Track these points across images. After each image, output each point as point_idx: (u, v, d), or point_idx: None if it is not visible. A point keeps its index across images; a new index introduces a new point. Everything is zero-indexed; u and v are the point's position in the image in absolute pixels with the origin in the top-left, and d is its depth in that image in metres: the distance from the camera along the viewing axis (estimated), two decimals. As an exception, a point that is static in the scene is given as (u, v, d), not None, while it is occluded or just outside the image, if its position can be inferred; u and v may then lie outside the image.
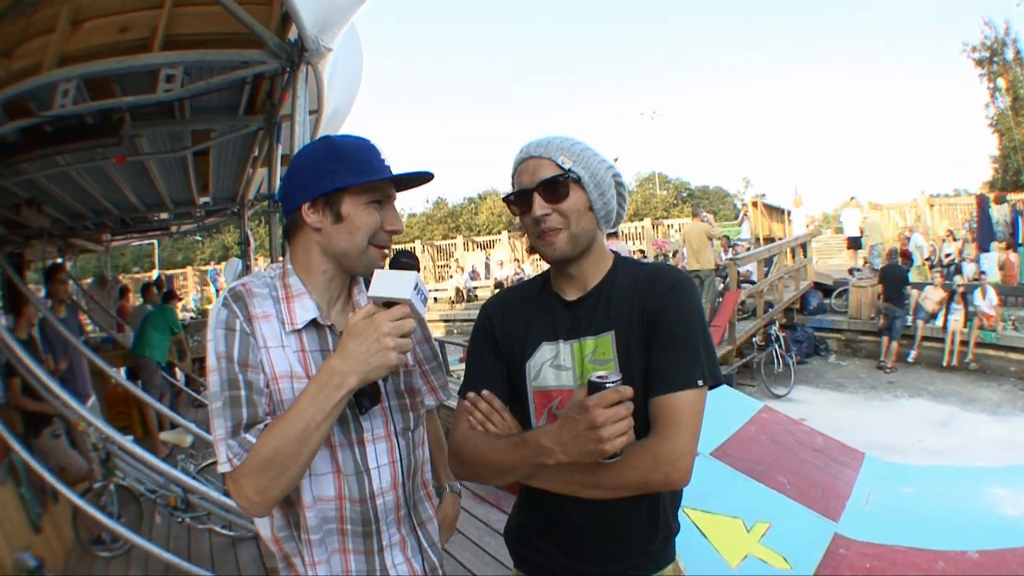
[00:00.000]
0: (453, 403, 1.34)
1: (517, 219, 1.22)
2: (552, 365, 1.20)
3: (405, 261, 1.09)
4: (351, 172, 1.07)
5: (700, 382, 1.10)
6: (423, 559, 1.22)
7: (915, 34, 70.41)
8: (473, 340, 1.32)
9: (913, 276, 10.77)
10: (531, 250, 1.23)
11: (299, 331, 1.09)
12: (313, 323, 1.11)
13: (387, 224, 1.12)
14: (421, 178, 1.16)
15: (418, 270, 1.10)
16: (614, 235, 11.47)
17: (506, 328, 1.27)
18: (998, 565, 3.04)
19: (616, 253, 1.28)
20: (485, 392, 1.22)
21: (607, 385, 0.98)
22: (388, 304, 1.04)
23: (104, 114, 2.80)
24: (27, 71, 2.33)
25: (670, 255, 9.82)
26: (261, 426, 1.01)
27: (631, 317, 1.16)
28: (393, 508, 1.16)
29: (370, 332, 1.00)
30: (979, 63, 18.91)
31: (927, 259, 11.64)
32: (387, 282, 1.05)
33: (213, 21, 2.51)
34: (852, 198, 14.53)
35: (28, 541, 3.02)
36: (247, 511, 1.00)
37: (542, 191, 1.15)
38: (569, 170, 1.15)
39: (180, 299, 11.12)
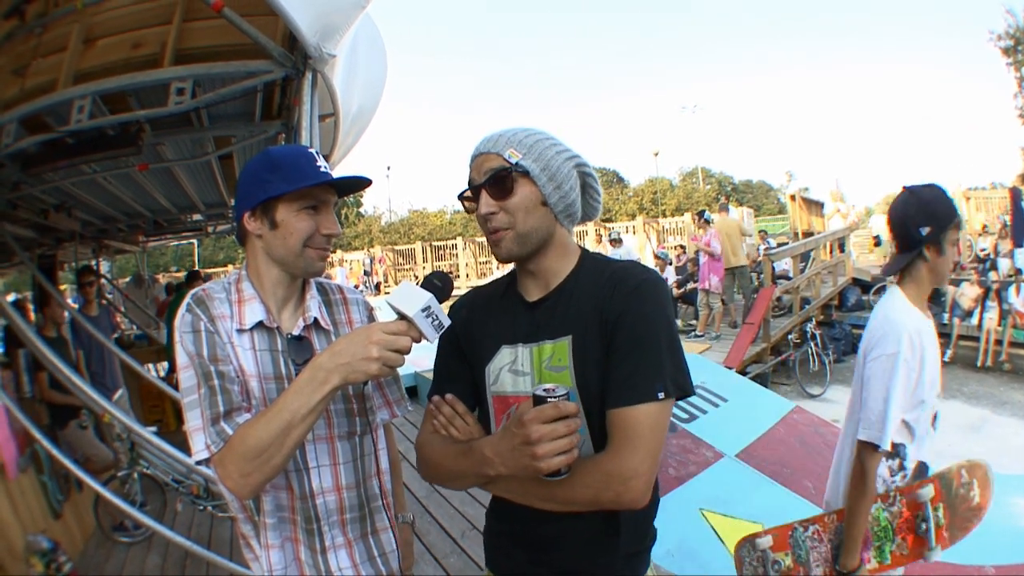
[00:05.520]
0: (415, 417, 1.35)
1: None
2: (510, 370, 1.16)
3: (434, 282, 1.08)
4: (284, 180, 1.11)
5: (661, 394, 1.02)
6: (375, 567, 1.24)
7: (959, 24, 67.78)
8: (440, 341, 1.25)
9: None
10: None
11: (249, 331, 1.15)
12: (261, 324, 1.16)
13: (323, 228, 1.17)
14: (359, 183, 1.20)
15: (446, 296, 1.07)
16: (618, 241, 11.06)
17: (469, 330, 1.24)
18: (1013, 580, 2.97)
19: (583, 249, 1.21)
20: (448, 396, 1.20)
21: (549, 399, 0.95)
22: (403, 316, 1.04)
23: (123, 125, 2.89)
24: (42, 88, 2.44)
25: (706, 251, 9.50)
26: (240, 416, 1.05)
27: (588, 321, 1.08)
28: (336, 510, 1.19)
29: (361, 337, 1.02)
30: (1006, 51, 17.99)
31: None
32: (404, 295, 1.04)
33: (220, 34, 2.59)
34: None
35: (45, 526, 3.14)
36: (233, 492, 1.04)
37: (488, 187, 1.11)
38: (516, 164, 1.09)
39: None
